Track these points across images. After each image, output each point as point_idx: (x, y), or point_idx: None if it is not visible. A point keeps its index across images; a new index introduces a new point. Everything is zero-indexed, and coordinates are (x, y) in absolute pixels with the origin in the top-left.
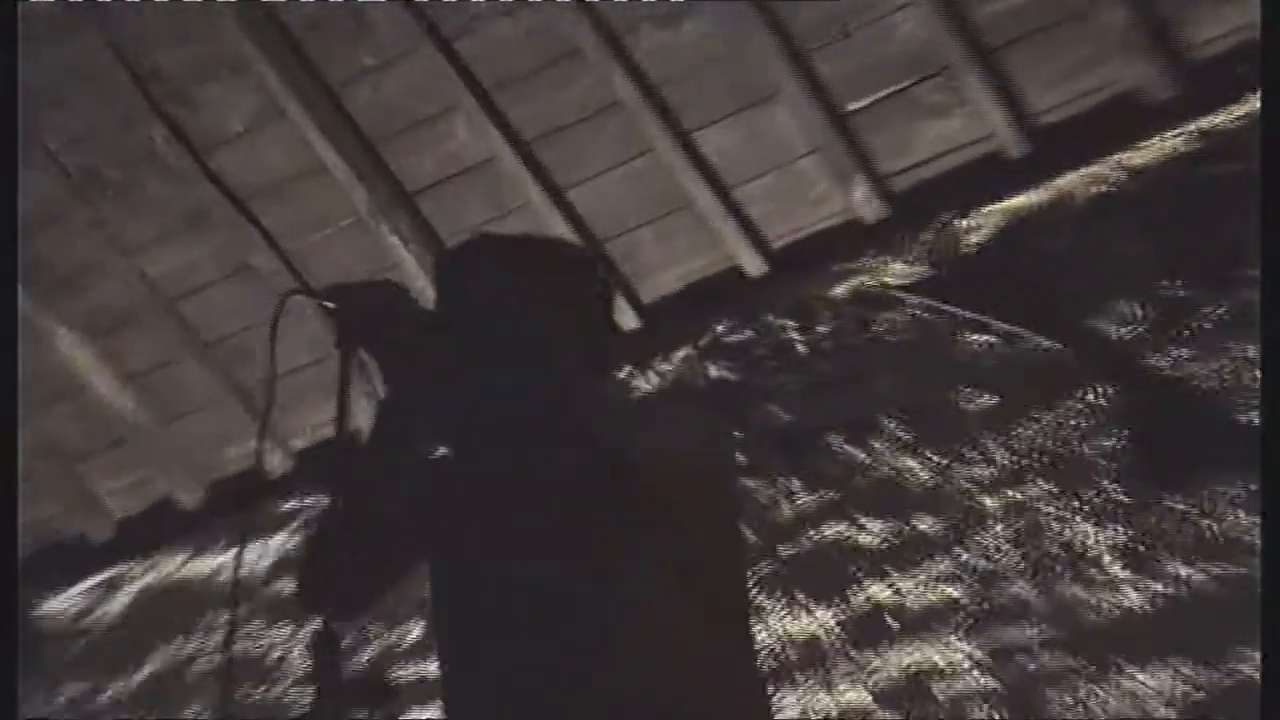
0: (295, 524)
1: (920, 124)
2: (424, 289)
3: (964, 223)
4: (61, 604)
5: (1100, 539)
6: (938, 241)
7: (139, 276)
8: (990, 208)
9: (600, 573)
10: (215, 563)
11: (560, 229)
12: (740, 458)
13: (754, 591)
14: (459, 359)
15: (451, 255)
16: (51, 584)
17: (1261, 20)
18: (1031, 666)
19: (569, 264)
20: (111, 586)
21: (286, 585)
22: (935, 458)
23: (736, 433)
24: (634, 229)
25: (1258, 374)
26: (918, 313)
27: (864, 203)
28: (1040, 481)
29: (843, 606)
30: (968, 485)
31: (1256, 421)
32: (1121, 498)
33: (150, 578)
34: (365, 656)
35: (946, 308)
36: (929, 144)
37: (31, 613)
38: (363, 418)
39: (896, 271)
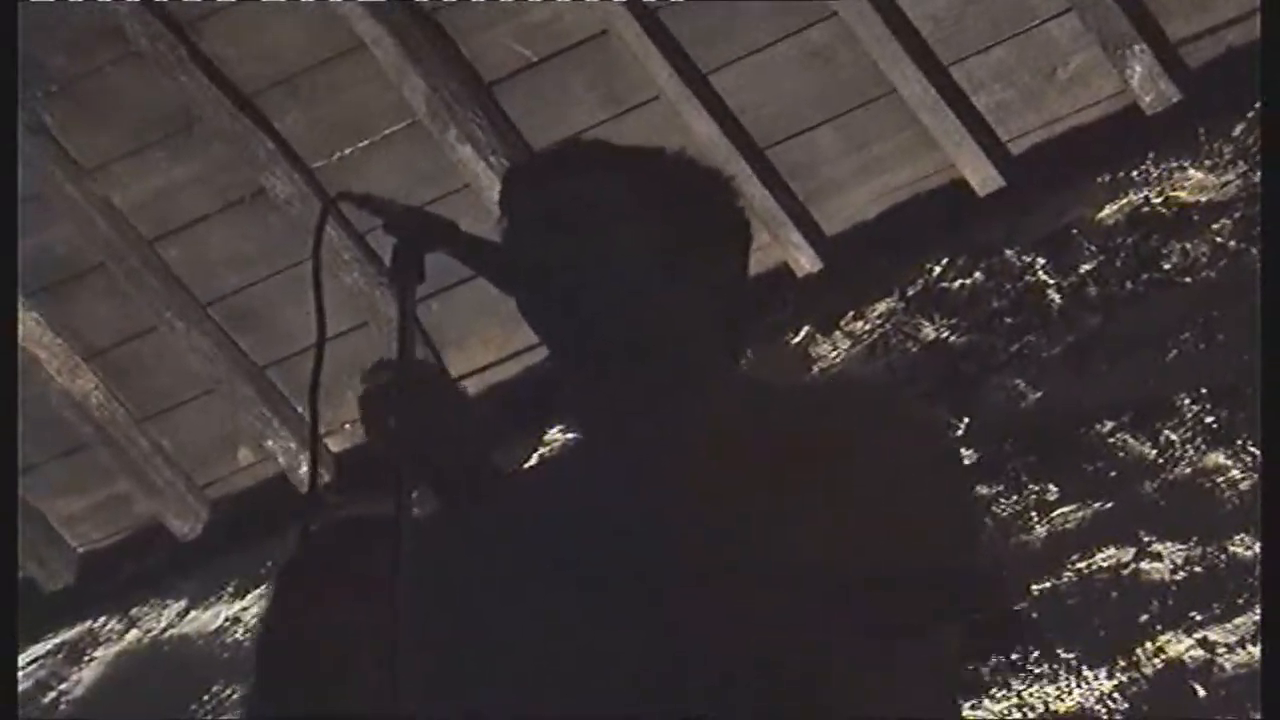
0: None
1: None
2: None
3: None
4: None
5: None
6: (1255, 137)
7: (102, 208)
8: None
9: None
10: (224, 614)
11: (702, 130)
12: (968, 453)
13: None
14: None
15: (523, 173)
16: None
17: (1261, 20)
18: None
19: (692, 192)
20: (74, 651)
21: None
22: (1257, 451)
23: (960, 420)
24: (809, 129)
25: None
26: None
27: (1144, 84)
28: None
29: (1125, 667)
30: None
31: None
32: None
33: (131, 637)
34: None
35: None
36: None
37: None
38: None
39: (1193, 182)
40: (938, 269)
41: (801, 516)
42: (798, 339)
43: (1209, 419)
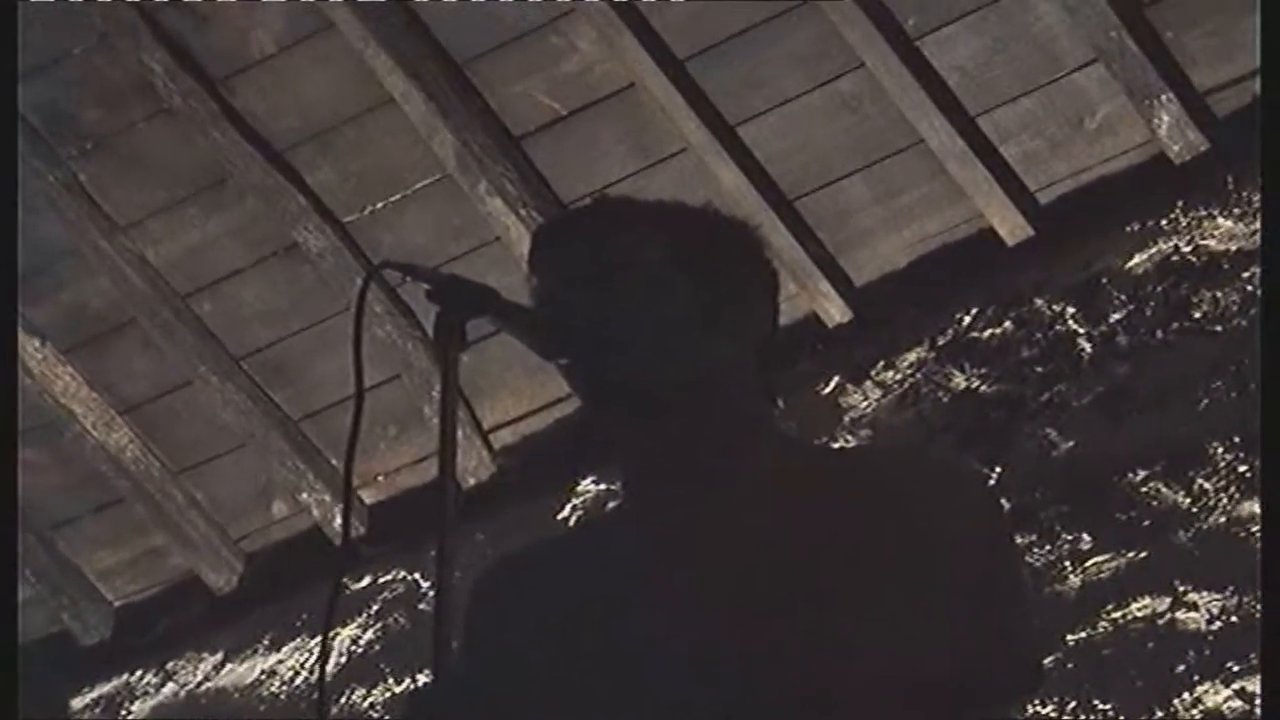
0: (372, 610)
1: (1251, 15)
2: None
3: None
4: None
5: None
6: None
7: (136, 264)
8: None
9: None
10: (260, 667)
11: (730, 181)
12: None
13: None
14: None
15: (553, 233)
16: (27, 702)
17: (1261, 21)
18: None
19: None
20: (111, 705)
21: (363, 698)
22: None
23: (991, 469)
24: (837, 180)
25: None
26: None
27: (1172, 133)
28: None
29: (1163, 718)
30: None
31: None
32: None
33: (168, 691)
34: None
35: None
36: None
37: None
38: (468, 455)
39: (1222, 230)
40: (967, 318)
41: (852, 577)
42: (828, 389)
43: (1242, 468)
